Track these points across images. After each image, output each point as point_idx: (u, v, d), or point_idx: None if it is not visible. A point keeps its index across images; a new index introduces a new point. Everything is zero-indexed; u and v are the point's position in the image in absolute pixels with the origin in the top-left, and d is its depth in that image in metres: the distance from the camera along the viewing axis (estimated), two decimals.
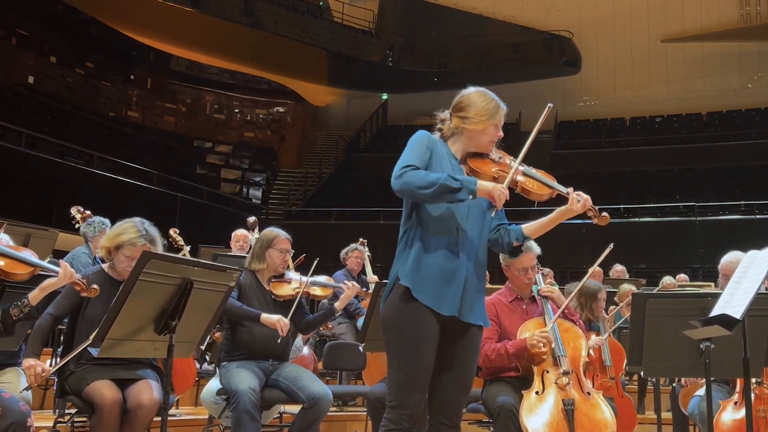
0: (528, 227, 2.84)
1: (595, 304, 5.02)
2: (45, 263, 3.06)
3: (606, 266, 8.56)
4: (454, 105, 2.84)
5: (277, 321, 3.81)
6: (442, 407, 2.73)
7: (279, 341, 3.86)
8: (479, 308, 2.77)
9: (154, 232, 3.52)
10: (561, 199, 2.83)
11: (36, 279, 3.08)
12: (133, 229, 3.47)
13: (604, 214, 2.77)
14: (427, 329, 2.65)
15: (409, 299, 2.66)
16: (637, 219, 15.11)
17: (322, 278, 4.26)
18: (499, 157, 2.81)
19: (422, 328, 2.64)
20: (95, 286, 3.12)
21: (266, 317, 3.83)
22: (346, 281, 4.25)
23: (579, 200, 2.73)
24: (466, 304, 2.69)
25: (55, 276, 3.04)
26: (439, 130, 2.86)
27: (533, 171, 2.82)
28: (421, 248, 2.69)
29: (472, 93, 2.83)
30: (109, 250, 3.49)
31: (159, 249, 3.52)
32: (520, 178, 2.76)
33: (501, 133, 2.81)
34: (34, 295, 3.06)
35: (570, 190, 2.78)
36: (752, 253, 3.03)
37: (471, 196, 2.58)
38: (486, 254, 2.82)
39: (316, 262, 4.18)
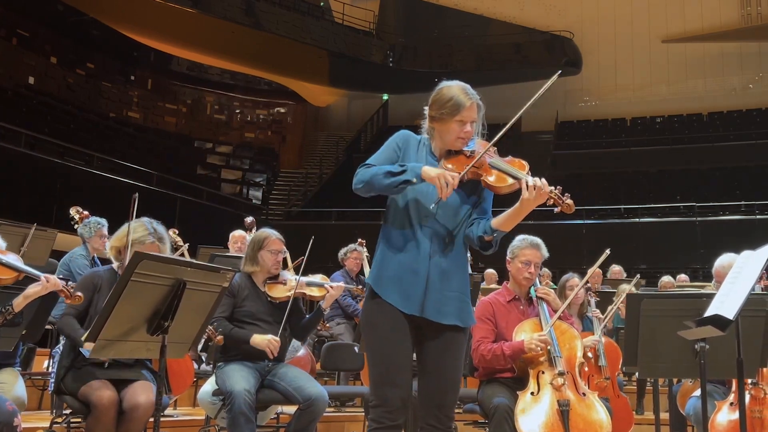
0: (496, 219, 2.64)
1: (565, 295, 5.03)
2: (30, 269, 3.07)
3: (605, 268, 8.57)
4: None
5: (267, 344, 3.75)
6: (429, 409, 2.70)
7: (269, 363, 3.86)
8: (453, 308, 2.66)
9: (162, 230, 3.59)
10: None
11: (21, 283, 3.09)
12: (141, 227, 3.53)
13: (568, 201, 2.51)
14: (395, 326, 2.63)
15: (374, 298, 2.68)
16: (637, 219, 15.09)
17: (317, 278, 4.25)
18: (472, 151, 2.68)
19: (390, 325, 2.63)
20: (79, 293, 3.16)
21: (257, 340, 3.77)
22: (331, 282, 4.23)
23: (534, 188, 2.48)
24: (430, 303, 2.62)
25: (39, 283, 3.07)
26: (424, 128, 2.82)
27: (501, 162, 2.62)
28: (385, 248, 2.71)
29: (442, 88, 2.72)
30: (119, 249, 3.54)
31: (167, 247, 3.59)
32: (487, 171, 2.59)
33: (468, 129, 2.65)
34: (18, 303, 3.08)
35: (524, 177, 2.53)
36: (746, 253, 3.02)
37: (415, 180, 2.54)
38: (463, 252, 2.73)
39: (303, 259, 4.16)
